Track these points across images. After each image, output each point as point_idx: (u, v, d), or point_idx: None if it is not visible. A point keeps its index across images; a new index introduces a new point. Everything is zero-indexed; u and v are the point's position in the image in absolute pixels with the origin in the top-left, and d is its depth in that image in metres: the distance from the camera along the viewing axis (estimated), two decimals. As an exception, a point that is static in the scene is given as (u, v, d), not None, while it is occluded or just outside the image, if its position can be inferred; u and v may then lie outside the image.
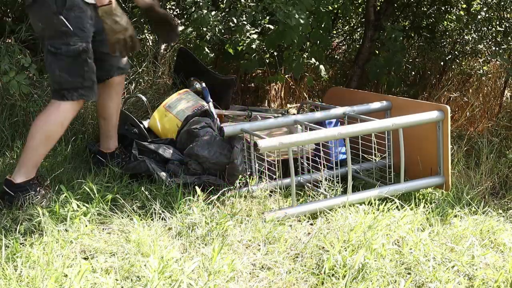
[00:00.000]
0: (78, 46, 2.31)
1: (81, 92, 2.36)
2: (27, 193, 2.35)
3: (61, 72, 2.32)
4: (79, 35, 2.30)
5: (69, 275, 1.77)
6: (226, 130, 2.71)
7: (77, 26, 2.30)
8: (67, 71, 2.32)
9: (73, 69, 2.33)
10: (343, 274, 1.93)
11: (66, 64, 2.32)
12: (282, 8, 3.35)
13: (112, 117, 2.80)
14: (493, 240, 2.37)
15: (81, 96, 2.37)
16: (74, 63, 2.32)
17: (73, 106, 2.39)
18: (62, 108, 2.37)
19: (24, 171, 2.37)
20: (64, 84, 2.33)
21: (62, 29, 2.27)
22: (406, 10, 5.14)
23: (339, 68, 5.30)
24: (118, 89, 2.76)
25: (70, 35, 2.29)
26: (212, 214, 2.31)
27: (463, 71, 5.10)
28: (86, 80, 2.36)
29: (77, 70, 2.33)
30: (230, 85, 3.53)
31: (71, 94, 2.35)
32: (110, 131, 2.84)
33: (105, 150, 2.86)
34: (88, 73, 2.36)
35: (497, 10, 4.76)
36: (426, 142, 2.77)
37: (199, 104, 3.15)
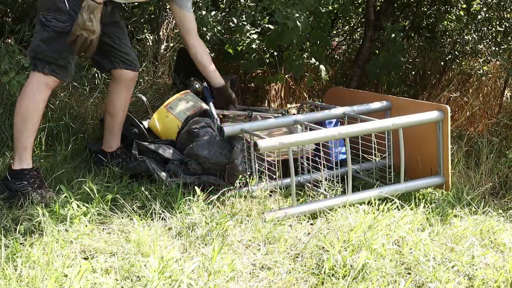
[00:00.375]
0: (67, 25, 2.39)
1: (53, 67, 2.43)
2: (21, 182, 2.39)
3: (42, 42, 2.41)
4: (71, 16, 2.39)
5: (69, 275, 1.77)
6: (226, 130, 2.71)
7: (73, 8, 2.40)
8: (47, 44, 2.41)
9: (53, 44, 2.41)
10: (343, 274, 1.93)
11: (50, 37, 2.40)
12: (281, 9, 3.35)
13: (118, 113, 2.81)
14: (493, 240, 2.37)
15: (52, 71, 2.43)
16: (57, 39, 2.40)
17: (44, 80, 2.44)
18: (33, 81, 2.44)
19: (17, 156, 2.45)
20: (40, 54, 2.41)
21: (59, 4, 2.39)
22: (406, 10, 5.15)
23: (339, 68, 5.30)
24: (128, 85, 2.79)
25: (63, 13, 2.39)
26: (212, 214, 2.31)
27: (463, 71, 5.10)
28: (61, 59, 2.43)
29: (56, 46, 2.41)
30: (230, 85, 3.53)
31: (43, 66, 2.42)
32: (115, 128, 2.85)
33: (106, 149, 2.86)
34: (65, 53, 2.43)
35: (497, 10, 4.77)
36: (426, 142, 2.77)
37: (199, 106, 3.15)
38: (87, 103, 3.39)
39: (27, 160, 2.45)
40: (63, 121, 3.10)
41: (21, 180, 2.41)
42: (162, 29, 4.00)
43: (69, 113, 3.21)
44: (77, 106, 3.31)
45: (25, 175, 2.42)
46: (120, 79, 2.74)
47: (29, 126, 2.44)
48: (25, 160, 2.45)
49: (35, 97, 2.43)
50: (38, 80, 2.44)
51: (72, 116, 3.21)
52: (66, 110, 3.18)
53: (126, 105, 2.83)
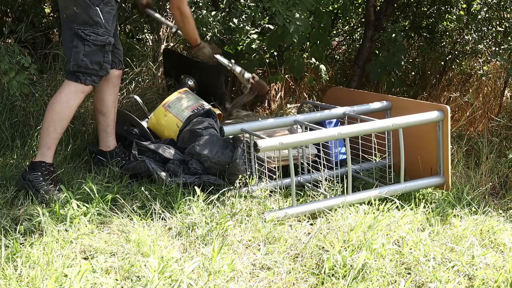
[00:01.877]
0: (105, 37, 2.57)
1: (94, 78, 2.59)
2: (36, 172, 2.49)
3: (85, 57, 2.54)
4: (107, 28, 2.56)
5: (69, 275, 1.78)
6: (226, 129, 2.71)
7: (107, 21, 2.56)
8: (89, 57, 2.54)
9: (95, 57, 2.55)
10: (343, 274, 1.93)
11: (91, 51, 2.54)
12: (281, 12, 3.34)
13: (110, 111, 2.84)
14: (493, 240, 2.37)
15: (93, 82, 2.60)
16: (98, 52, 2.56)
17: (83, 89, 2.58)
18: (71, 89, 2.57)
19: (40, 152, 2.55)
20: (83, 68, 2.55)
21: (96, 19, 2.53)
22: (406, 10, 5.14)
23: (339, 68, 5.30)
24: (115, 82, 2.87)
25: (100, 26, 2.55)
26: (212, 214, 2.31)
27: (463, 71, 5.10)
28: (102, 70, 2.60)
29: (98, 58, 2.56)
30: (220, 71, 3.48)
31: (85, 78, 2.57)
32: (109, 127, 2.86)
33: (104, 149, 2.87)
34: (106, 64, 2.61)
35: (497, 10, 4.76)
36: (426, 142, 2.77)
37: (199, 104, 3.15)
38: (87, 103, 3.38)
39: (49, 157, 2.55)
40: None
41: (36, 170, 2.50)
42: (162, 29, 3.99)
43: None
44: (80, 107, 3.30)
45: (42, 167, 2.52)
46: (109, 79, 2.79)
47: (58, 128, 2.55)
48: (46, 156, 2.55)
49: (70, 102, 2.56)
50: (76, 89, 2.57)
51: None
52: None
53: (116, 102, 2.89)
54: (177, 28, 3.20)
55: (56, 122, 2.53)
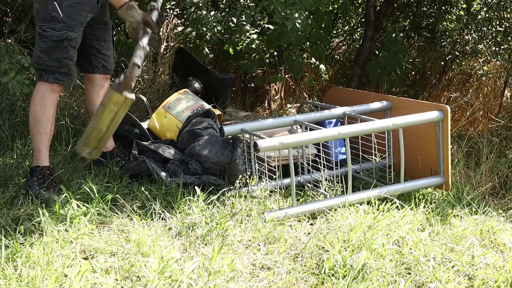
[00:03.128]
0: (62, 32, 2.44)
1: (57, 76, 2.50)
2: (32, 177, 2.50)
3: (42, 53, 2.47)
4: (66, 23, 2.45)
5: (69, 275, 1.77)
6: (225, 129, 2.71)
7: (68, 15, 2.45)
8: (47, 54, 2.46)
9: (53, 53, 2.47)
10: (343, 274, 1.93)
11: (48, 47, 2.46)
12: (280, 10, 3.35)
13: None
14: (493, 240, 2.37)
15: (56, 79, 2.50)
16: (56, 48, 2.46)
17: (51, 88, 2.51)
18: (41, 88, 2.52)
19: (34, 157, 2.56)
20: (42, 65, 2.48)
21: (53, 13, 2.43)
22: (406, 10, 5.15)
23: (339, 68, 5.30)
24: (103, 84, 2.81)
25: (58, 21, 2.44)
26: (212, 214, 2.31)
27: (463, 71, 5.10)
28: (63, 66, 2.49)
29: (56, 55, 2.47)
30: (228, 84, 3.53)
31: (47, 75, 2.49)
32: None
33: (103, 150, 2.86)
34: (66, 60, 2.49)
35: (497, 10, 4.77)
36: (426, 142, 2.77)
37: (199, 104, 3.15)
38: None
39: (42, 160, 2.54)
40: (63, 121, 3.10)
41: (33, 176, 2.51)
42: (162, 29, 4.00)
43: (69, 113, 3.21)
44: (77, 106, 3.31)
45: (37, 172, 2.51)
46: (95, 81, 2.77)
47: (40, 130, 2.52)
48: (40, 160, 2.54)
49: (42, 103, 2.51)
50: (45, 88, 2.52)
51: (72, 116, 3.21)
52: (66, 110, 3.18)
53: None
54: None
55: (36, 124, 2.51)
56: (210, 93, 3.47)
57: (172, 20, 4.18)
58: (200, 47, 3.91)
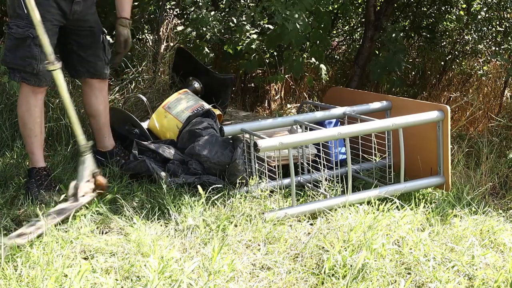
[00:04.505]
0: (25, 30, 2.36)
1: (23, 75, 2.43)
2: (30, 179, 2.49)
3: (8, 51, 2.41)
4: (30, 20, 2.32)
5: (69, 275, 1.77)
6: (225, 129, 2.71)
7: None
8: (12, 52, 2.41)
9: (17, 52, 2.40)
10: (343, 274, 1.93)
11: (13, 45, 2.40)
12: (280, 11, 3.35)
13: (100, 115, 2.80)
14: (493, 240, 2.37)
15: (23, 79, 2.44)
16: (19, 46, 2.39)
17: (32, 90, 2.46)
18: (22, 91, 2.49)
19: (29, 159, 2.56)
20: (10, 64, 2.43)
21: (18, 10, 2.36)
22: (406, 10, 5.15)
23: (339, 68, 5.30)
24: (100, 87, 2.77)
25: (22, 18, 2.36)
26: (212, 214, 2.31)
27: (463, 71, 5.10)
28: (27, 65, 2.40)
29: (20, 53, 2.39)
30: (228, 84, 3.52)
31: (14, 75, 2.44)
32: (103, 129, 2.84)
33: (103, 149, 2.86)
34: (29, 59, 2.40)
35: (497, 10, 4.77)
36: (426, 142, 2.77)
37: (199, 104, 3.15)
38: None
39: (37, 162, 2.53)
40: (63, 121, 3.10)
41: (30, 178, 2.51)
42: (162, 29, 3.99)
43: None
44: (77, 106, 3.30)
45: (33, 173, 2.51)
46: (91, 84, 2.74)
47: (29, 133, 2.49)
48: (35, 162, 2.53)
49: (27, 105, 2.47)
50: (26, 90, 2.47)
51: (72, 116, 3.21)
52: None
53: (105, 103, 2.82)
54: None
55: (24, 127, 2.49)
56: (210, 93, 3.47)
57: (172, 20, 4.17)
58: (200, 47, 3.91)
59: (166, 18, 4.06)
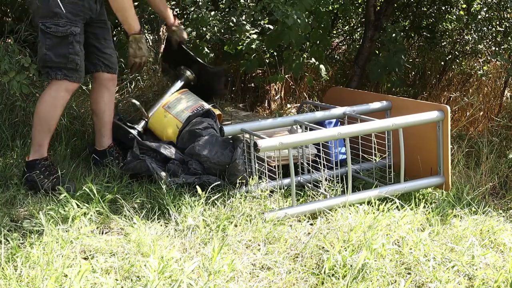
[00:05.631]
0: (67, 28, 2.46)
1: (64, 72, 2.50)
2: (34, 171, 2.51)
3: (48, 50, 2.47)
4: (69, 19, 2.46)
5: (69, 275, 1.77)
6: (225, 129, 2.71)
7: (70, 11, 2.46)
8: (53, 51, 2.46)
9: (59, 50, 2.47)
10: (343, 274, 1.93)
11: (53, 43, 2.46)
12: (280, 8, 3.35)
13: (103, 113, 2.82)
14: (493, 240, 2.37)
15: (65, 76, 2.50)
16: (61, 44, 2.47)
17: (62, 86, 2.52)
18: (52, 87, 2.53)
19: (32, 150, 2.56)
20: (49, 62, 2.48)
21: (55, 9, 2.44)
22: (406, 10, 5.15)
23: (339, 68, 5.30)
24: (108, 85, 2.81)
25: (61, 16, 2.44)
26: (212, 214, 2.31)
27: (463, 71, 5.10)
28: (70, 62, 2.49)
29: (62, 51, 2.47)
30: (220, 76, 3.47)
31: (55, 72, 2.49)
32: (103, 127, 2.85)
33: (99, 148, 2.86)
34: (72, 56, 2.49)
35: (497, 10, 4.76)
36: (426, 142, 2.77)
37: (199, 104, 3.15)
38: (87, 104, 3.38)
39: (41, 153, 2.56)
40: (63, 121, 3.10)
41: (34, 169, 2.52)
42: (162, 29, 3.99)
43: (69, 113, 3.21)
44: (77, 107, 3.31)
45: (37, 164, 2.53)
46: (101, 81, 2.78)
47: (45, 128, 2.54)
48: (39, 152, 2.56)
49: (55, 102, 2.52)
50: (57, 87, 2.52)
51: (72, 116, 3.21)
52: (66, 110, 3.18)
53: (110, 104, 2.84)
54: None
55: (43, 122, 2.53)
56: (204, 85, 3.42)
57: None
58: (200, 47, 3.90)
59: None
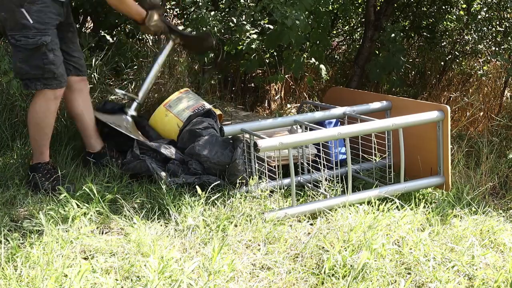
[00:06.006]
0: (37, 39, 2.37)
1: (43, 82, 2.45)
2: (37, 174, 2.52)
3: (21, 63, 2.41)
4: (38, 29, 2.37)
5: (69, 275, 1.77)
6: (225, 129, 2.71)
7: (37, 20, 2.37)
8: (27, 63, 2.40)
9: (32, 61, 2.40)
10: (343, 274, 1.93)
11: (26, 56, 2.39)
12: (279, 8, 3.35)
13: (82, 116, 2.79)
14: (493, 240, 2.37)
15: (44, 85, 2.45)
16: (34, 55, 2.39)
17: (46, 95, 2.48)
18: (39, 96, 2.49)
19: (34, 156, 2.59)
20: (26, 75, 2.43)
21: (23, 21, 2.35)
22: (406, 10, 5.15)
23: (339, 68, 5.30)
24: (80, 86, 2.76)
25: (29, 28, 2.36)
26: (212, 214, 2.31)
27: (463, 71, 5.10)
28: (46, 72, 2.43)
29: (36, 62, 2.40)
30: (203, 39, 3.34)
31: (34, 84, 2.44)
32: (87, 130, 2.83)
33: (92, 150, 2.85)
34: (47, 66, 2.42)
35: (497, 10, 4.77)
36: (426, 142, 2.77)
37: (200, 104, 3.16)
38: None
39: (44, 157, 2.58)
40: (63, 121, 3.10)
41: (38, 172, 2.54)
42: (162, 29, 3.98)
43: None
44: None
45: (39, 168, 2.55)
46: (72, 84, 2.71)
47: (43, 135, 2.54)
48: (41, 158, 2.58)
49: (45, 111, 2.50)
50: (41, 97, 2.48)
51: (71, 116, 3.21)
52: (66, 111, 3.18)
53: (86, 104, 2.80)
54: None
55: (39, 131, 2.53)
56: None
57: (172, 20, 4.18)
58: (200, 47, 3.90)
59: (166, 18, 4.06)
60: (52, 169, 2.59)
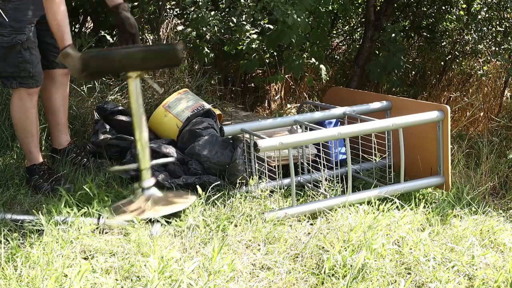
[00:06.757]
0: (12, 37, 2.36)
1: (19, 80, 2.44)
2: (33, 176, 2.54)
3: None
4: (14, 27, 2.36)
5: (69, 275, 1.77)
6: (225, 129, 2.71)
7: (13, 18, 2.36)
8: (3, 61, 2.40)
9: (8, 59, 2.39)
10: (343, 274, 1.93)
11: (1, 54, 2.39)
12: (280, 7, 3.35)
13: (58, 110, 2.78)
14: (493, 240, 2.37)
15: (20, 84, 2.44)
16: (9, 54, 2.38)
17: (22, 93, 2.46)
18: (14, 95, 2.48)
19: (27, 158, 2.60)
20: (2, 72, 2.42)
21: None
22: (406, 10, 5.15)
23: (339, 68, 5.30)
24: (63, 80, 2.75)
25: (5, 26, 2.36)
26: (212, 214, 2.31)
27: (463, 71, 5.11)
28: (22, 71, 2.42)
29: (12, 61, 2.39)
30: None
31: (10, 82, 2.44)
32: (59, 125, 2.81)
33: (57, 147, 2.85)
34: (23, 64, 2.41)
35: (497, 10, 4.77)
36: (426, 142, 2.77)
37: (199, 104, 3.16)
38: (86, 104, 3.38)
39: (36, 159, 2.57)
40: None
41: (34, 175, 2.55)
42: (162, 29, 4.00)
43: (69, 113, 3.20)
44: (76, 107, 3.31)
45: (35, 170, 2.56)
46: (56, 77, 2.70)
47: (26, 134, 2.53)
48: (33, 159, 2.57)
49: (23, 109, 2.49)
50: (18, 95, 2.48)
51: (71, 116, 3.21)
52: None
53: (65, 99, 2.79)
54: None
55: (21, 130, 2.52)
56: None
57: (172, 20, 4.18)
58: (200, 47, 3.90)
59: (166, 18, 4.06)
60: (49, 170, 2.59)
